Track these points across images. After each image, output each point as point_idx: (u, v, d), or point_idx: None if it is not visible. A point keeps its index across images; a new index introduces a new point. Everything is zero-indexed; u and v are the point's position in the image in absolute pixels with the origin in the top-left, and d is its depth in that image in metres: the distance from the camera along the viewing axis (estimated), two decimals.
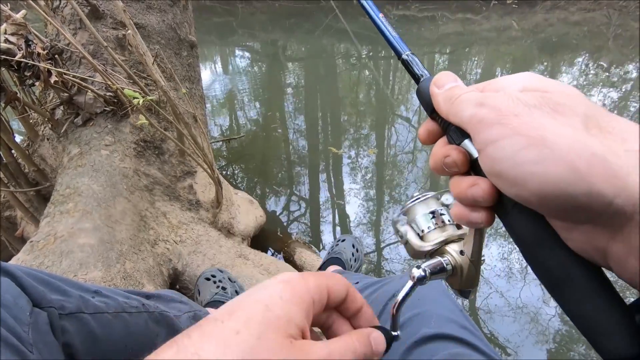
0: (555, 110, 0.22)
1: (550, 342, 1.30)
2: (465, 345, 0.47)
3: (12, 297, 0.37)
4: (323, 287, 0.27)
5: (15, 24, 1.03)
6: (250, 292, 0.26)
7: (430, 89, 0.29)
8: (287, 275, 0.27)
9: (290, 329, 0.24)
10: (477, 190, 0.25)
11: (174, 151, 1.33)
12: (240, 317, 0.23)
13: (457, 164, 0.27)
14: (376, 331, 0.28)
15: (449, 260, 0.31)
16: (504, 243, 1.72)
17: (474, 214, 0.27)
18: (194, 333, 0.23)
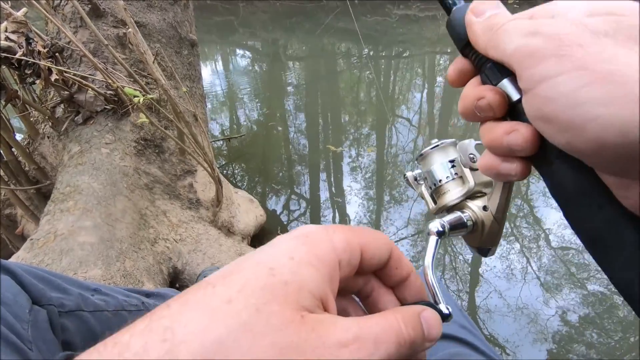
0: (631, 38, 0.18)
1: (549, 341, 1.30)
2: (464, 344, 0.47)
3: (12, 294, 0.37)
4: (355, 245, 0.21)
5: (16, 22, 1.03)
6: (256, 251, 0.20)
7: (466, 17, 0.25)
8: (306, 229, 0.21)
9: (302, 299, 0.18)
10: (515, 137, 0.22)
11: (174, 150, 1.33)
12: (235, 282, 0.18)
13: (493, 107, 0.23)
14: (429, 309, 0.22)
15: (470, 215, 0.28)
16: (503, 243, 1.72)
17: (506, 165, 0.23)
18: (175, 302, 0.18)
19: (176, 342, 0.16)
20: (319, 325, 0.18)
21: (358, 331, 0.18)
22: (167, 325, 0.17)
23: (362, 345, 0.18)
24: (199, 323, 0.17)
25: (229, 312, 0.17)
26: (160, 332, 0.17)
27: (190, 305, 0.18)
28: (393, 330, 0.19)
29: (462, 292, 1.52)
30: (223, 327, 0.17)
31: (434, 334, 0.21)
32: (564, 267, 1.59)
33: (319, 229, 0.21)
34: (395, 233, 1.77)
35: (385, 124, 2.79)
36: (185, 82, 1.45)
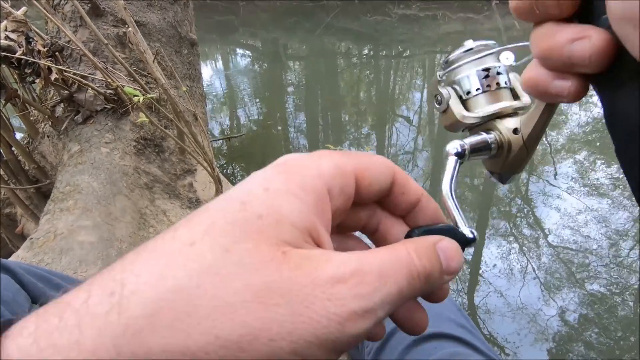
0: None
1: (549, 341, 1.30)
2: (463, 344, 0.47)
3: (12, 293, 0.37)
4: (347, 170, 0.18)
5: (16, 21, 1.03)
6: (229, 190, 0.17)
7: None
8: (286, 156, 0.18)
9: (282, 233, 0.15)
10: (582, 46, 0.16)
11: (174, 149, 1.33)
12: (200, 223, 0.15)
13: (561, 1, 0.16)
14: (446, 239, 0.18)
15: (496, 137, 0.24)
16: (503, 242, 1.72)
17: (559, 82, 0.17)
18: (133, 252, 0.15)
19: (125, 294, 0.13)
20: (307, 262, 0.15)
21: (358, 265, 0.15)
22: (117, 277, 0.14)
23: (364, 279, 0.15)
24: (154, 271, 0.14)
25: (190, 256, 0.14)
26: (108, 285, 0.14)
27: (147, 253, 0.15)
28: (403, 262, 0.16)
29: (461, 292, 1.52)
30: (183, 273, 0.14)
31: (453, 265, 0.18)
32: (564, 267, 1.59)
33: (301, 155, 0.18)
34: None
35: (385, 123, 2.79)
36: (185, 81, 1.45)
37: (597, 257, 1.61)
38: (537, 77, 0.18)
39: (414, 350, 0.47)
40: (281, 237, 0.15)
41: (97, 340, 0.13)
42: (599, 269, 1.56)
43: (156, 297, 0.13)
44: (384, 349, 0.51)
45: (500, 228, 1.80)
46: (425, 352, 0.47)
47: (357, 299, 0.14)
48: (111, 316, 0.13)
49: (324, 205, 0.17)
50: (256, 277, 0.14)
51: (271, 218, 0.15)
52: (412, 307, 0.20)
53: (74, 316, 0.13)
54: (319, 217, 0.16)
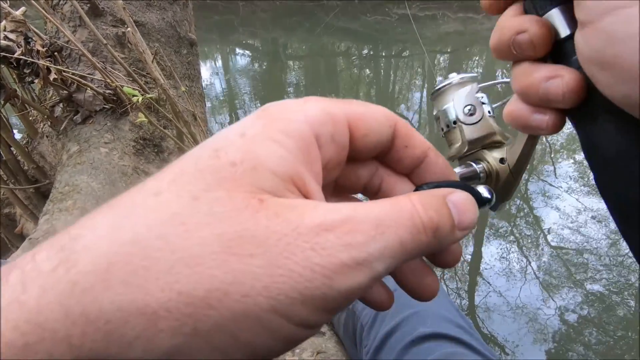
0: None
1: (549, 341, 1.31)
2: (461, 344, 0.47)
3: None
4: (338, 116, 0.16)
5: (15, 21, 1.03)
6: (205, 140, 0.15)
7: None
8: (270, 103, 0.16)
9: (260, 180, 0.13)
10: (556, 84, 0.17)
11: (174, 149, 1.33)
12: (168, 172, 0.14)
13: (535, 43, 0.18)
14: (458, 191, 0.16)
15: (484, 167, 0.25)
16: (503, 242, 1.72)
17: (537, 116, 0.19)
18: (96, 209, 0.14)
19: (77, 248, 0.12)
20: (288, 210, 0.13)
21: (351, 212, 0.13)
22: (73, 232, 0.13)
23: (357, 227, 0.13)
24: (110, 224, 0.12)
25: (153, 205, 0.13)
26: (60, 242, 0.12)
27: (107, 207, 0.13)
28: (405, 213, 0.14)
29: (461, 291, 1.52)
30: (142, 222, 0.12)
31: (466, 220, 0.16)
32: (564, 267, 1.59)
33: (286, 100, 0.16)
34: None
35: None
36: (184, 81, 1.45)
37: (596, 257, 1.61)
38: (517, 111, 0.19)
39: (412, 351, 0.47)
40: (258, 185, 0.13)
41: (41, 297, 0.11)
42: (598, 269, 1.56)
43: (110, 251, 0.12)
44: (382, 349, 0.51)
45: (500, 228, 1.80)
46: (423, 353, 0.47)
47: (347, 249, 0.12)
48: (58, 272, 0.11)
49: (311, 153, 0.15)
50: (227, 225, 0.12)
51: (247, 164, 0.13)
52: (420, 270, 0.18)
53: (18, 273, 0.12)
54: (306, 166, 0.14)
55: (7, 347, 0.11)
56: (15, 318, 0.11)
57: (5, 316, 0.11)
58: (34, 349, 0.11)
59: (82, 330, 0.11)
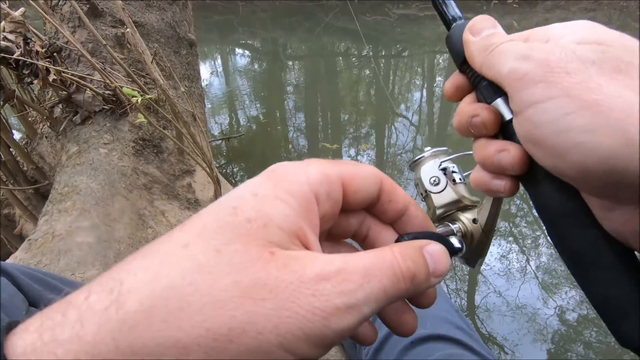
0: (617, 70, 0.18)
1: (548, 341, 1.31)
2: (460, 346, 0.47)
3: (8, 296, 0.37)
4: (333, 176, 0.19)
5: (14, 21, 1.03)
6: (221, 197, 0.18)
7: (463, 35, 0.26)
8: (275, 165, 0.19)
9: (270, 235, 0.16)
10: (505, 157, 0.22)
11: (173, 150, 1.33)
12: (193, 227, 0.16)
13: (486, 125, 0.23)
14: (433, 242, 0.19)
15: (460, 227, 0.29)
16: (503, 242, 1.72)
17: (496, 182, 0.23)
18: (130, 256, 0.16)
19: (123, 291, 0.14)
20: (293, 261, 0.16)
21: (343, 264, 0.16)
22: (116, 276, 0.15)
23: (348, 277, 0.16)
24: (149, 270, 0.15)
25: (184, 256, 0.15)
26: (108, 284, 0.15)
27: (143, 254, 0.16)
28: (387, 263, 0.17)
29: (460, 291, 1.52)
30: (177, 272, 0.15)
31: (440, 268, 0.19)
32: (563, 267, 1.59)
33: (290, 163, 0.19)
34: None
35: (384, 123, 2.79)
36: (183, 81, 1.45)
37: None
38: (480, 178, 0.24)
39: (411, 352, 0.47)
40: (269, 239, 0.16)
41: (97, 333, 0.14)
42: None
43: (151, 294, 0.14)
44: (381, 350, 0.51)
45: (499, 227, 1.81)
46: (422, 354, 0.47)
47: (340, 295, 0.15)
48: (110, 311, 0.14)
49: (311, 210, 0.18)
50: (245, 274, 0.15)
51: (259, 222, 0.16)
52: (400, 309, 0.21)
53: (76, 312, 0.14)
54: (306, 221, 0.17)
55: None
56: (76, 350, 0.14)
57: (67, 348, 0.14)
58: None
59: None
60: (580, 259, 0.22)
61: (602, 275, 0.21)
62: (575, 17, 1.43)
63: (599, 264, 0.21)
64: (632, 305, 0.21)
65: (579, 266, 0.22)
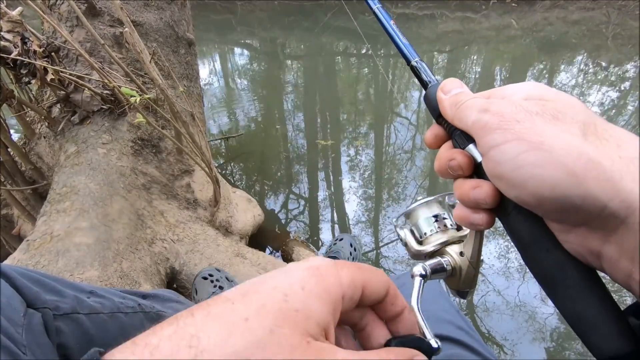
0: (555, 118, 0.23)
1: (547, 340, 1.31)
2: (461, 346, 0.47)
3: (6, 297, 0.37)
4: (358, 282, 0.23)
5: (12, 21, 1.03)
6: (271, 275, 0.23)
7: (437, 94, 0.30)
8: (317, 262, 0.23)
9: (309, 326, 0.20)
10: (479, 192, 0.26)
11: (172, 150, 1.33)
12: (252, 303, 0.21)
13: (462, 167, 0.28)
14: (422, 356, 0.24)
15: (449, 261, 0.32)
16: (502, 242, 1.72)
17: (476, 216, 0.27)
18: (199, 312, 0.20)
19: (201, 349, 0.18)
20: (322, 352, 0.20)
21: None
22: (193, 333, 0.19)
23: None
24: (220, 335, 0.19)
25: (246, 329, 0.19)
26: (187, 338, 0.19)
27: (212, 317, 0.20)
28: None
29: None
30: (241, 342, 0.19)
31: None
32: None
33: (328, 263, 0.23)
34: (394, 232, 1.77)
35: (383, 122, 2.79)
36: (182, 81, 1.44)
37: None
38: (461, 213, 0.28)
39: None
40: (308, 330, 0.20)
41: None
42: None
43: (222, 357, 0.18)
44: None
45: (498, 226, 1.81)
46: None
47: None
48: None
49: (337, 307, 0.22)
50: (289, 356, 0.19)
51: (304, 313, 0.21)
52: None
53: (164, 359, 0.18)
54: (332, 317, 0.22)
55: None
56: None
57: None
58: None
59: None
60: (550, 280, 0.25)
61: (569, 293, 0.24)
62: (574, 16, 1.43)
63: (565, 283, 0.24)
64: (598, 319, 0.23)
65: (550, 286, 0.25)
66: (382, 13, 0.36)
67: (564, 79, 3.54)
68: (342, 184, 2.09)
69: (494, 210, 0.28)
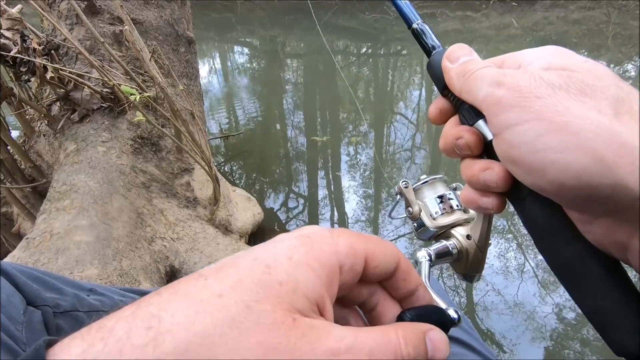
0: (582, 92, 0.20)
1: (546, 339, 1.31)
2: (460, 344, 0.47)
3: (6, 295, 0.37)
4: (359, 250, 0.20)
5: (11, 18, 1.02)
6: (256, 247, 0.20)
7: (442, 62, 0.27)
8: (309, 229, 0.20)
9: (296, 301, 0.17)
10: (490, 175, 0.24)
11: (172, 148, 1.33)
12: (228, 277, 0.18)
13: (470, 146, 0.25)
14: (436, 330, 0.20)
15: (455, 244, 0.30)
16: (501, 241, 1.73)
17: (484, 199, 0.25)
18: (166, 290, 0.18)
19: (162, 330, 0.16)
20: (311, 331, 0.17)
21: (353, 342, 0.17)
22: (154, 312, 0.16)
23: (355, 356, 0.17)
24: (186, 314, 0.16)
25: (218, 306, 0.16)
26: (146, 319, 0.16)
27: (180, 295, 0.17)
28: (391, 346, 0.18)
29: (459, 290, 1.53)
30: (210, 321, 0.16)
31: (438, 356, 0.19)
32: None
33: (323, 230, 0.20)
34: (394, 231, 1.78)
35: (383, 121, 2.79)
36: (182, 79, 1.44)
37: None
38: (469, 196, 0.26)
39: None
40: (294, 305, 0.17)
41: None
42: None
43: (186, 339, 0.16)
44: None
45: (498, 226, 1.81)
46: None
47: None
48: (148, 349, 0.16)
49: (333, 279, 0.19)
50: (269, 336, 0.16)
51: (290, 286, 0.18)
52: None
53: (117, 344, 0.16)
54: (328, 290, 0.19)
55: None
56: None
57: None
58: None
59: None
60: (569, 272, 0.23)
61: (591, 286, 0.22)
62: (574, 16, 1.43)
63: (587, 275, 0.22)
64: (621, 315, 0.22)
65: (569, 278, 0.23)
66: None
67: None
68: (341, 183, 2.09)
69: (505, 193, 0.25)
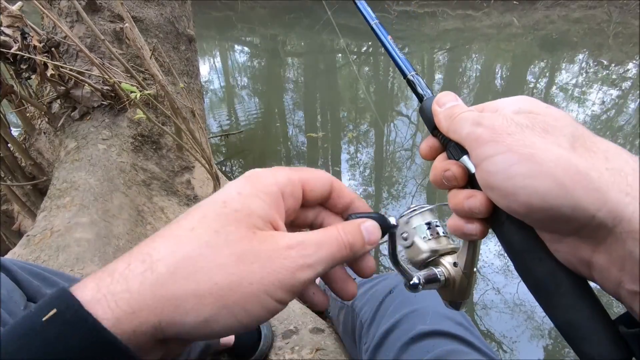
0: (545, 130, 0.25)
1: (546, 338, 1.31)
2: (460, 342, 0.47)
3: (7, 291, 0.37)
4: (295, 180, 0.26)
5: (12, 16, 1.02)
6: (213, 194, 0.25)
7: (432, 107, 0.31)
8: (253, 170, 0.26)
9: (252, 220, 0.23)
10: (473, 202, 0.27)
11: (172, 146, 1.33)
12: (195, 215, 0.23)
13: (456, 177, 0.28)
14: (369, 220, 0.26)
15: (443, 271, 0.32)
16: None
17: (469, 226, 0.28)
18: (151, 237, 0.23)
19: (154, 260, 0.21)
20: (270, 237, 0.22)
21: (303, 238, 0.23)
22: (144, 251, 0.21)
23: (306, 246, 0.23)
24: (169, 246, 0.21)
25: (193, 236, 0.22)
26: (139, 256, 0.21)
27: (161, 236, 0.22)
28: (333, 236, 0.24)
29: None
30: (189, 246, 0.21)
31: (373, 238, 0.26)
32: None
33: (264, 169, 0.26)
34: None
35: (383, 120, 2.78)
36: (182, 77, 1.44)
37: None
38: (455, 223, 0.29)
39: (412, 348, 0.48)
40: (252, 223, 0.23)
41: (139, 287, 0.20)
42: None
43: (174, 261, 0.21)
44: (381, 346, 0.51)
45: None
46: (423, 350, 0.47)
47: (302, 258, 0.22)
48: (146, 274, 0.20)
49: (279, 204, 0.25)
50: (238, 247, 0.21)
51: (244, 212, 0.23)
52: (344, 278, 0.28)
53: (121, 276, 0.21)
54: (276, 212, 0.24)
55: (123, 314, 0.20)
56: (127, 298, 0.20)
57: (121, 297, 0.20)
58: (138, 315, 0.20)
59: (162, 304, 0.20)
60: (542, 289, 0.26)
61: (561, 301, 0.25)
62: (575, 15, 1.43)
63: (557, 292, 0.25)
64: (589, 328, 0.24)
65: (542, 295, 0.26)
66: (379, 29, 0.36)
67: (565, 77, 3.54)
68: (342, 182, 2.09)
69: (487, 220, 0.28)
